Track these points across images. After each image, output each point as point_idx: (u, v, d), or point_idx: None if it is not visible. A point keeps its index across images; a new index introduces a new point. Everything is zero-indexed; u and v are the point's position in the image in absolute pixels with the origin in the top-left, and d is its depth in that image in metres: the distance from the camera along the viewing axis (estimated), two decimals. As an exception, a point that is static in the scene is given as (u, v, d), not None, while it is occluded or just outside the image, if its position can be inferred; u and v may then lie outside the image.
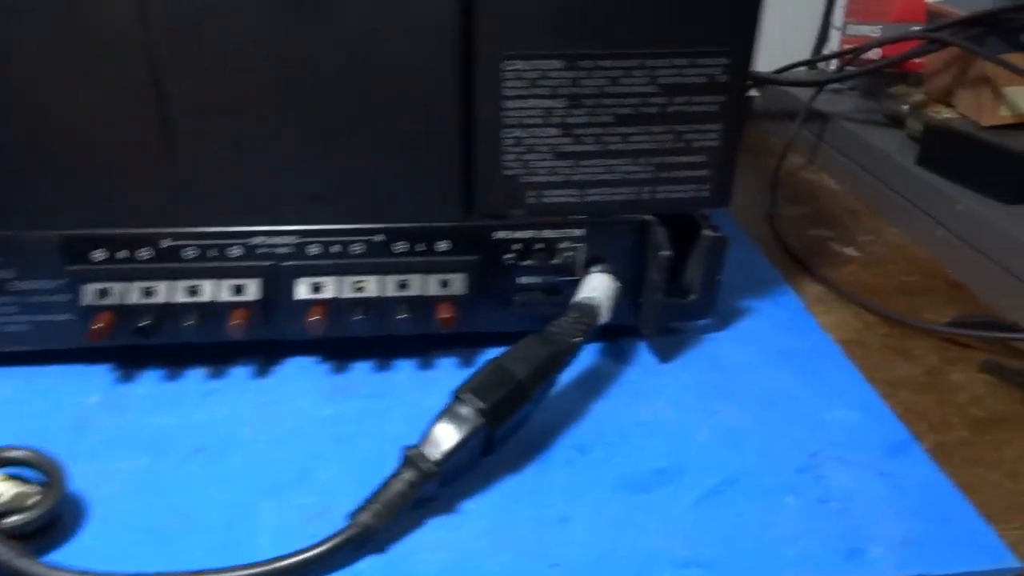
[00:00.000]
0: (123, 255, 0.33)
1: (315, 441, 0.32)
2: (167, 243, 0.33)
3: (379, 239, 0.34)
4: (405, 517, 0.28)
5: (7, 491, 0.27)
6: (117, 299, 0.33)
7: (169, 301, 0.33)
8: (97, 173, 0.32)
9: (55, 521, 0.27)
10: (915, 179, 0.50)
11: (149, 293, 0.33)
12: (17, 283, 0.33)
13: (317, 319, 0.33)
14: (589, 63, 0.31)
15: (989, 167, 0.46)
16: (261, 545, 0.27)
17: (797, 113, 0.62)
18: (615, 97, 0.32)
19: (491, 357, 0.31)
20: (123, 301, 0.33)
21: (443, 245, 0.34)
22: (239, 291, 0.34)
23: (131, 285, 0.33)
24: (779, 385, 0.36)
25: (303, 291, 0.34)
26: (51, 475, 0.27)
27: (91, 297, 0.33)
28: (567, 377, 0.35)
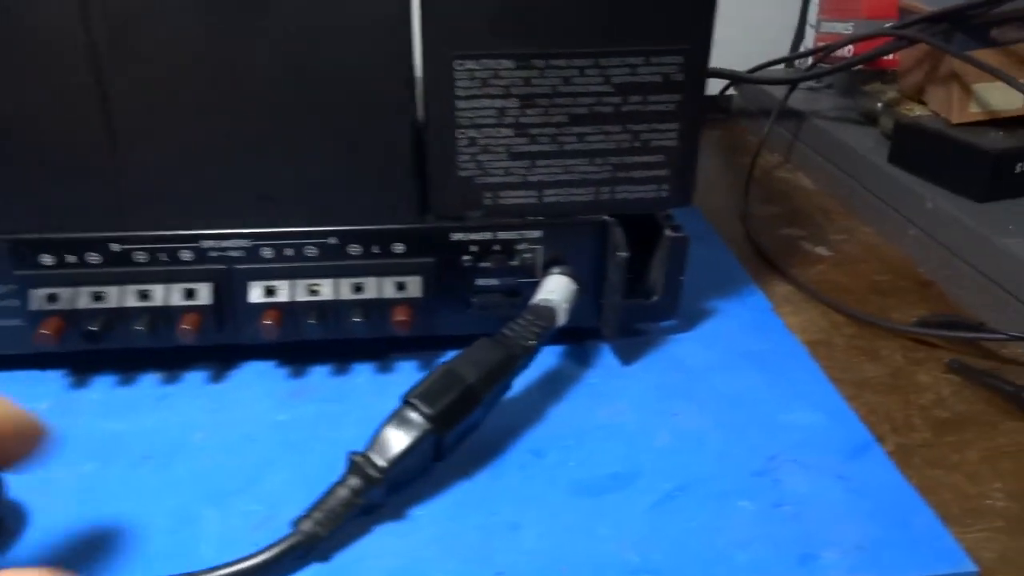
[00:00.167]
0: (72, 259, 0.33)
1: (267, 447, 0.31)
2: (117, 247, 0.33)
3: (333, 242, 0.33)
4: (351, 524, 0.27)
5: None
6: (66, 304, 0.33)
7: (119, 306, 0.33)
8: (43, 176, 0.31)
9: (-6, 529, 0.27)
10: (887, 177, 0.50)
11: (99, 298, 0.33)
12: (-36, 288, 0.33)
13: (271, 323, 0.33)
14: (541, 62, 0.31)
15: (959, 165, 0.45)
16: (204, 553, 0.27)
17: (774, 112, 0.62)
18: (569, 96, 0.32)
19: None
20: (72, 306, 0.33)
21: (399, 247, 0.34)
22: (191, 295, 0.33)
23: (80, 290, 0.33)
24: (742, 387, 0.36)
25: (256, 295, 0.33)
26: (-10, 483, 0.27)
27: (40, 302, 0.32)
28: (526, 380, 0.35)
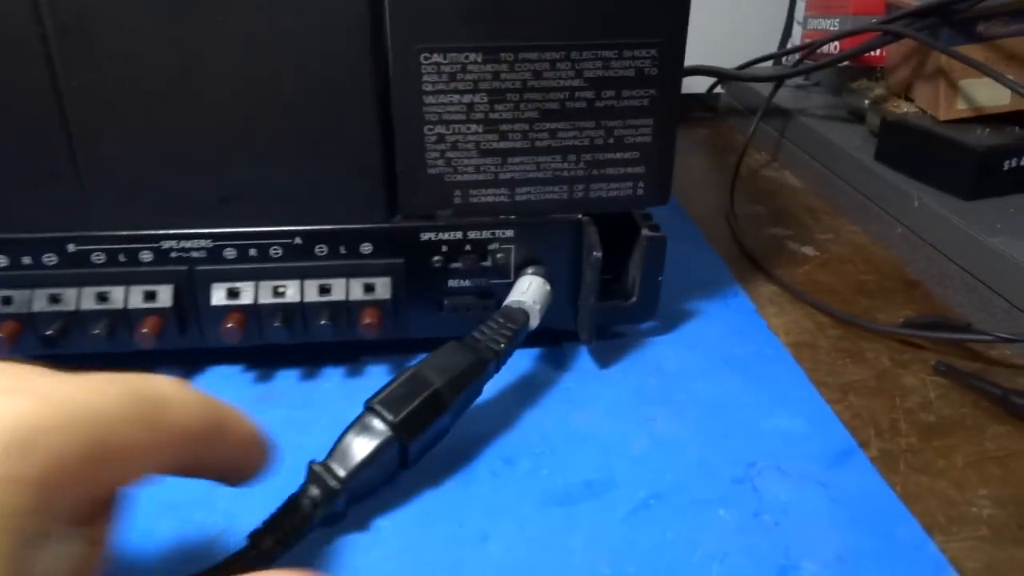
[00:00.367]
0: (27, 261, 0.31)
1: (228, 455, 0.30)
2: (73, 248, 0.31)
3: (298, 242, 0.32)
4: (312, 535, 0.26)
5: None
6: (21, 307, 0.31)
7: (77, 309, 0.32)
8: (-5, 175, 0.30)
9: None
10: (874, 176, 0.49)
11: (56, 300, 0.32)
12: (-85, 291, 0.32)
13: (233, 326, 0.32)
14: (510, 56, 0.30)
15: (946, 162, 0.44)
16: (157, 568, 0.26)
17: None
18: (540, 91, 0.31)
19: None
20: (28, 309, 0.31)
21: (367, 248, 0.33)
22: (151, 298, 0.32)
23: (36, 292, 0.32)
24: (722, 391, 0.35)
25: (219, 297, 0.32)
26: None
27: (-7, 305, 0.31)
28: (498, 384, 0.34)
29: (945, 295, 0.43)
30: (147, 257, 0.32)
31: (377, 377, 0.35)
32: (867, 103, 0.54)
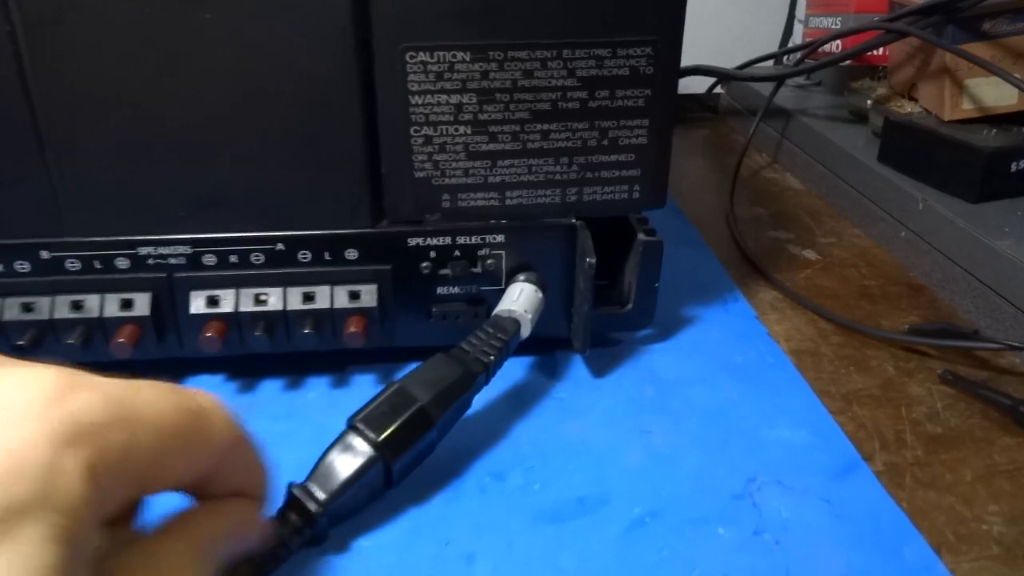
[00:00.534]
0: (-2, 268, 0.30)
1: (207, 470, 0.29)
2: (47, 254, 0.30)
3: (281, 248, 0.31)
4: (291, 558, 0.25)
5: None
6: (-8, 316, 0.30)
7: (51, 317, 0.30)
8: (-36, 179, 0.29)
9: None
10: (877, 177, 0.48)
11: (28, 308, 0.30)
12: None
13: (212, 335, 0.31)
14: (499, 54, 0.28)
15: (951, 164, 0.43)
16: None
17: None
18: (531, 91, 0.29)
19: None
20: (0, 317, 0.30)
21: (352, 254, 0.32)
22: (128, 306, 0.31)
23: (8, 300, 0.30)
24: (721, 401, 0.33)
25: (198, 305, 0.31)
26: None
27: (-37, 314, 0.30)
28: (488, 394, 0.32)
29: (951, 300, 0.42)
30: (123, 264, 0.31)
31: (364, 387, 0.34)
32: (870, 103, 0.53)
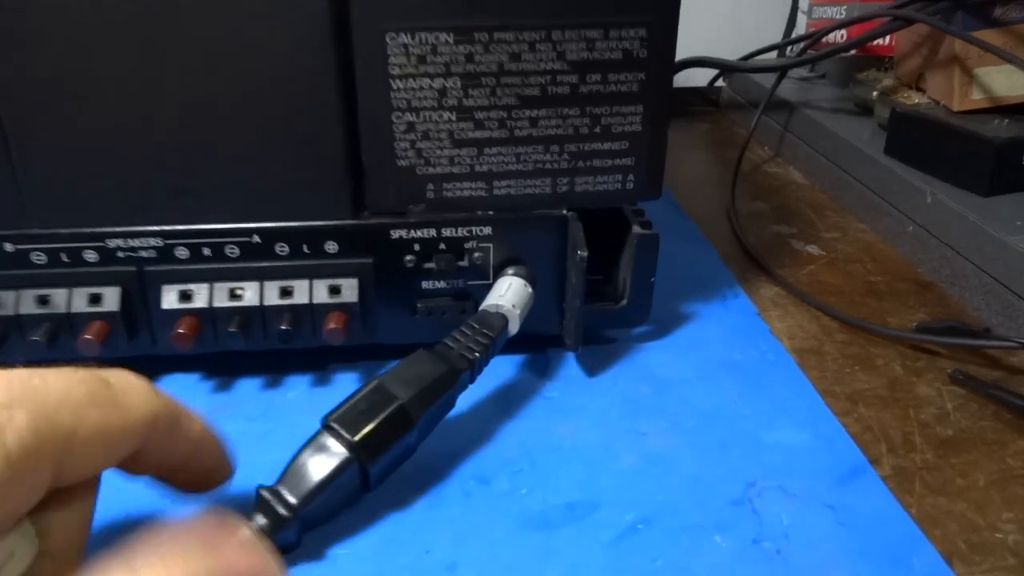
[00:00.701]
0: (-40, 261, 0.29)
1: (177, 473, 0.28)
2: (11, 247, 0.29)
3: (256, 240, 0.30)
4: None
5: None
6: (-46, 311, 0.29)
7: (16, 313, 0.29)
8: (-77, 167, 0.28)
9: None
10: (883, 170, 0.46)
11: (-8, 304, 0.29)
12: None
13: (184, 331, 0.29)
14: (484, 36, 0.27)
15: (961, 156, 0.42)
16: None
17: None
18: (518, 75, 0.28)
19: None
20: (-38, 314, 0.29)
21: (332, 247, 0.30)
22: (96, 301, 0.29)
23: (-30, 295, 0.29)
24: (720, 402, 0.32)
25: (170, 300, 0.30)
26: None
27: (-77, 309, 0.29)
28: (474, 393, 0.31)
29: (961, 297, 0.40)
30: (92, 257, 0.29)
31: (345, 386, 0.32)
32: (875, 94, 0.51)
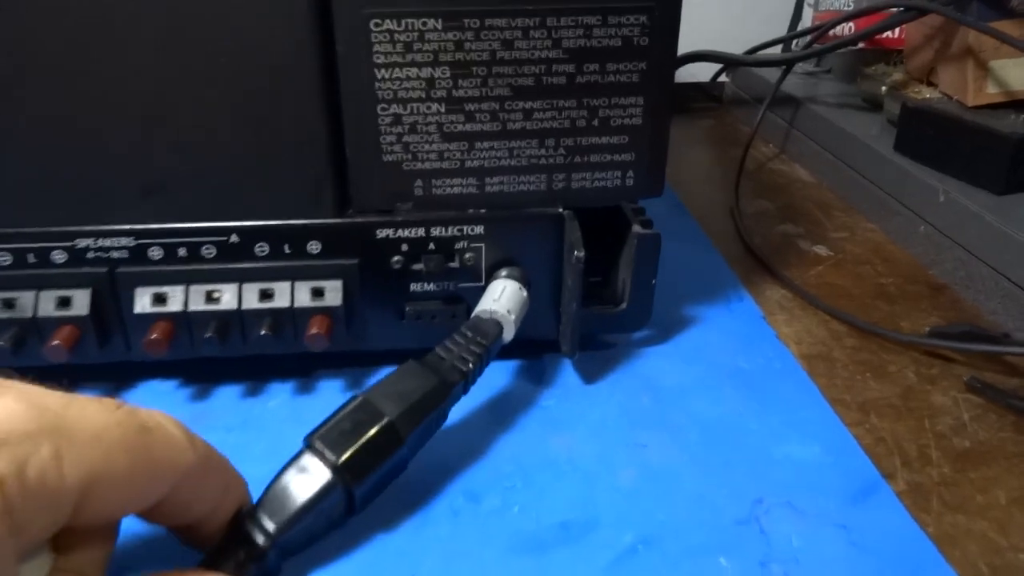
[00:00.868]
0: (-81, 262, 0.27)
1: (148, 488, 0.26)
2: (-27, 247, 0.27)
3: (235, 240, 0.28)
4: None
5: None
6: (-87, 315, 0.27)
7: (-21, 317, 0.28)
8: None
9: None
10: (893, 168, 0.44)
11: (-47, 308, 0.27)
12: None
13: (158, 337, 0.28)
14: (475, 22, 0.25)
15: (975, 152, 0.40)
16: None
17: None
18: (511, 64, 0.26)
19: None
20: (-79, 318, 0.27)
21: (314, 247, 0.29)
22: (65, 304, 0.28)
23: (-70, 298, 0.27)
24: (724, 413, 0.30)
25: (144, 303, 0.28)
26: None
27: None
28: (467, 403, 0.29)
29: (975, 301, 0.39)
30: (60, 258, 0.28)
31: (330, 395, 0.31)
32: (884, 89, 0.50)
